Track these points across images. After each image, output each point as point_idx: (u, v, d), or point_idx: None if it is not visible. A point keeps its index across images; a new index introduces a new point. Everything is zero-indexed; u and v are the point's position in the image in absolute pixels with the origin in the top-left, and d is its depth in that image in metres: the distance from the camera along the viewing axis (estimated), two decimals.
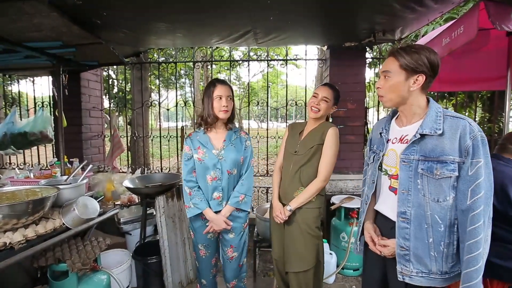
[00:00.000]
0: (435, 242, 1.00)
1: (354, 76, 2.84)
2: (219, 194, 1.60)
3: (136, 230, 2.48)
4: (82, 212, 1.59)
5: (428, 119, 1.03)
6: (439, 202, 0.99)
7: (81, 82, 3.03)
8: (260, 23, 2.00)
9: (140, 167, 3.38)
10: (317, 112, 1.61)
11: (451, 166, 0.97)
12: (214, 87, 1.56)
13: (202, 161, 1.59)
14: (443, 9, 1.88)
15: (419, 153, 1.02)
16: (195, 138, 1.63)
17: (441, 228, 0.99)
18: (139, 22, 2.00)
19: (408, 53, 1.03)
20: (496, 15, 1.40)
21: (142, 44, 2.67)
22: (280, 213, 1.61)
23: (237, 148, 1.63)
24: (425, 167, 1.00)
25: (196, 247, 1.69)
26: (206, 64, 6.13)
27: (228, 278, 1.72)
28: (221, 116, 1.57)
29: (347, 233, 2.46)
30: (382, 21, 2.00)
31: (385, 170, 1.16)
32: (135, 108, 3.75)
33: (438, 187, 0.99)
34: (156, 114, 23.55)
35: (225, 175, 1.59)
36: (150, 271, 2.05)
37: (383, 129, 1.20)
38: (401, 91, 1.06)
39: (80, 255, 1.56)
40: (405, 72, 1.04)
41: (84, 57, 2.35)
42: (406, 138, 1.10)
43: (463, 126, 0.97)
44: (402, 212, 1.04)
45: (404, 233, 1.03)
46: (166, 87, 5.50)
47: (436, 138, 1.00)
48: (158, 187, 2.21)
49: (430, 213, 1.00)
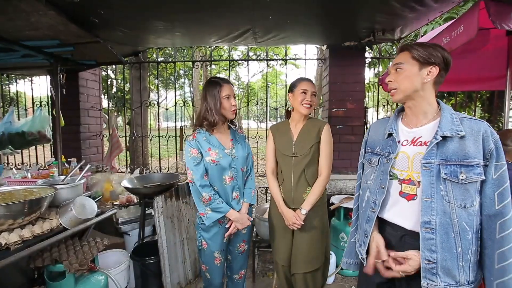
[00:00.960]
0: (464, 251, 0.94)
1: (354, 75, 2.83)
2: (237, 193, 1.60)
3: (135, 230, 2.46)
4: (80, 212, 1.57)
5: (444, 121, 0.98)
6: (466, 208, 0.93)
7: (79, 82, 3.02)
8: (259, 22, 1.99)
9: (139, 167, 3.37)
10: (310, 108, 1.61)
11: (477, 169, 0.92)
12: (221, 87, 1.50)
13: (218, 163, 1.52)
14: (443, 8, 1.88)
15: (439, 157, 0.96)
16: (201, 139, 1.54)
17: (469, 236, 0.93)
18: (137, 21, 1.98)
19: (421, 46, 1.01)
20: (496, 14, 1.39)
21: (141, 43, 2.66)
22: (297, 219, 1.55)
23: (243, 146, 1.65)
24: (448, 172, 0.94)
25: (211, 256, 1.58)
26: (205, 64, 6.12)
27: (237, 269, 1.71)
28: (230, 116, 1.55)
29: (346, 233, 2.45)
30: (382, 20, 1.99)
31: (394, 175, 1.07)
32: (134, 108, 3.73)
33: (464, 192, 0.93)
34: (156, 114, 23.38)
35: (240, 173, 1.59)
36: (148, 271, 2.03)
37: (393, 129, 1.11)
38: (414, 82, 1.01)
39: (78, 256, 1.54)
40: (418, 63, 1.00)
41: (82, 56, 2.33)
42: (419, 140, 1.03)
43: (484, 129, 0.94)
44: (427, 222, 0.96)
45: (430, 245, 0.95)
46: (165, 87, 5.48)
47: (457, 141, 0.95)
48: (156, 187, 2.19)
49: (457, 220, 0.93)
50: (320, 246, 1.61)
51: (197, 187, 1.50)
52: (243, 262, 1.72)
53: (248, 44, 2.63)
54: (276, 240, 1.71)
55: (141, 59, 3.23)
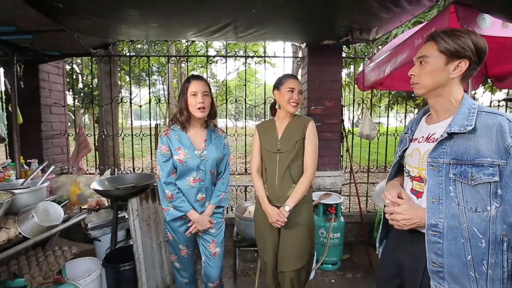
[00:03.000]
0: (475, 261, 0.85)
1: (332, 74, 2.89)
2: (203, 195, 1.58)
3: (106, 235, 2.31)
4: (43, 219, 1.41)
5: (459, 116, 0.90)
6: (478, 213, 0.85)
7: (40, 75, 2.73)
8: (242, 15, 1.93)
9: (110, 167, 3.15)
10: (297, 106, 1.60)
11: (489, 169, 0.83)
12: (188, 83, 1.50)
13: (184, 163, 1.51)
14: (415, 11, 1.97)
15: (450, 156, 0.89)
16: (173, 137, 1.53)
17: (482, 244, 0.84)
18: (109, 8, 1.81)
19: (450, 36, 0.90)
20: (464, 18, 1.48)
21: (111, 34, 2.46)
22: (280, 217, 1.53)
23: (218, 147, 1.60)
24: (457, 172, 0.87)
25: (177, 248, 1.64)
26: (180, 60, 5.91)
27: (213, 277, 1.65)
28: (197, 115, 1.49)
29: (325, 229, 2.50)
30: (361, 20, 2.04)
31: (408, 171, 1.05)
32: (103, 105, 3.48)
33: (475, 194, 0.85)
34: (126, 112, 22.37)
35: (208, 176, 1.57)
36: (123, 279, 1.91)
37: (409, 129, 1.09)
38: (439, 77, 0.92)
39: (41, 268, 1.39)
40: (445, 56, 0.91)
41: (43, 46, 2.10)
42: (433, 137, 0.97)
43: (500, 123, 0.84)
44: (433, 225, 0.89)
45: (436, 248, 0.89)
46: (137, 84, 5.20)
47: (468, 137, 0.87)
48: (130, 188, 2.06)
49: (467, 225, 0.85)
50: (307, 243, 1.61)
51: (162, 183, 1.53)
52: (219, 269, 1.67)
53: (228, 39, 2.56)
54: (263, 239, 1.68)
55: (111, 52, 3.01)
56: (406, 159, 1.06)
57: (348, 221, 2.96)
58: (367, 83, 2.63)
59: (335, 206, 2.50)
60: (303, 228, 1.60)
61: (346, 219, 2.87)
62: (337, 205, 2.52)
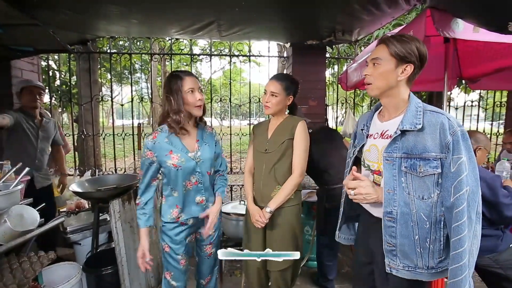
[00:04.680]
0: (421, 239, 1.00)
1: (316, 74, 2.94)
2: (202, 197, 1.47)
3: (87, 239, 2.23)
4: (16, 223, 1.34)
5: (408, 114, 1.01)
6: (424, 200, 0.99)
7: (12, 72, 2.58)
8: (225, 13, 1.92)
9: (90, 168, 3.04)
10: (268, 108, 1.57)
11: (433, 163, 0.96)
12: (182, 80, 1.35)
13: (179, 167, 1.38)
14: (395, 14, 2.04)
15: (402, 151, 1.00)
16: (163, 140, 1.38)
17: (427, 225, 0.99)
18: (86, 2, 1.73)
19: (399, 41, 1.01)
20: (440, 22, 1.54)
21: (90, 30, 2.36)
22: (260, 217, 1.51)
23: (211, 146, 1.50)
24: (408, 165, 0.99)
25: (175, 260, 1.46)
26: (164, 58, 5.79)
27: (205, 274, 1.61)
28: (196, 113, 1.39)
29: (310, 226, 2.54)
30: (343, 21, 2.09)
31: (368, 166, 1.14)
32: (82, 103, 3.34)
33: (422, 184, 0.98)
34: (107, 111, 21.56)
35: (206, 177, 1.47)
36: (105, 283, 1.85)
37: (365, 125, 1.18)
38: (390, 79, 1.03)
39: (15, 275, 1.32)
40: (395, 60, 1.01)
41: (14, 41, 1.98)
42: (386, 133, 1.08)
43: (442, 122, 0.96)
44: (388, 212, 1.02)
45: (391, 232, 1.03)
46: (119, 82, 5.04)
47: (417, 134, 0.98)
48: (112, 190, 2.00)
49: (416, 211, 0.99)
50: (292, 244, 1.59)
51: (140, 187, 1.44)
52: (212, 267, 1.63)
53: (212, 37, 2.54)
54: (250, 239, 1.67)
55: (90, 49, 2.90)
56: (365, 154, 1.15)
57: None
58: (349, 83, 2.70)
59: None
60: (288, 231, 1.57)
61: None
62: None
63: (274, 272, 1.59)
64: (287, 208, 1.57)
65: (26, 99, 2.19)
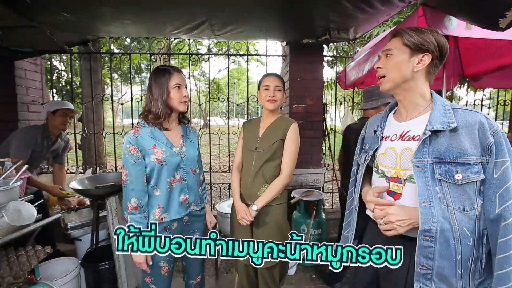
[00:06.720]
0: (463, 259, 0.84)
1: (313, 72, 2.93)
2: (186, 196, 1.43)
3: (88, 235, 2.28)
4: (13, 218, 1.39)
5: (435, 113, 0.88)
6: (466, 212, 0.84)
7: (16, 72, 2.65)
8: (215, 13, 1.92)
9: (92, 166, 3.11)
10: (274, 102, 1.58)
11: (475, 168, 0.82)
12: (170, 75, 1.35)
13: (164, 162, 1.34)
14: (390, 12, 2.01)
15: (432, 155, 0.86)
16: (145, 134, 1.35)
17: (470, 242, 0.84)
18: (77, 4, 1.75)
19: (414, 31, 0.92)
20: (432, 19, 1.53)
21: (88, 30, 2.41)
22: (246, 215, 1.52)
23: (194, 144, 1.51)
24: (442, 171, 0.85)
25: (156, 267, 1.38)
26: (165, 57, 5.85)
27: (194, 275, 1.60)
28: (181, 108, 1.39)
29: (307, 225, 2.54)
30: (336, 20, 2.07)
31: (382, 172, 0.99)
32: (84, 103, 3.41)
33: (462, 194, 0.84)
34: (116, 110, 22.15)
35: (190, 175, 1.44)
36: (102, 278, 1.90)
37: (378, 126, 1.04)
38: (404, 70, 0.92)
39: (12, 268, 1.37)
40: (409, 49, 0.91)
41: (14, 42, 2.04)
42: (408, 134, 0.94)
43: (480, 120, 0.84)
44: (427, 230, 0.84)
45: (427, 252, 0.86)
46: (123, 81, 5.12)
47: (450, 135, 0.85)
48: (110, 187, 2.04)
49: (458, 226, 0.83)
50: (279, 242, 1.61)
51: (128, 189, 1.31)
52: (200, 267, 1.62)
53: (207, 37, 2.55)
54: (235, 236, 1.69)
55: (91, 49, 2.96)
56: (379, 159, 1.01)
57: (331, 218, 3.02)
58: (348, 82, 2.68)
59: (316, 203, 2.55)
60: (274, 229, 1.58)
61: (329, 216, 2.93)
62: (317, 202, 2.56)
63: (262, 270, 1.61)
64: (274, 206, 1.59)
65: (58, 120, 2.21)
